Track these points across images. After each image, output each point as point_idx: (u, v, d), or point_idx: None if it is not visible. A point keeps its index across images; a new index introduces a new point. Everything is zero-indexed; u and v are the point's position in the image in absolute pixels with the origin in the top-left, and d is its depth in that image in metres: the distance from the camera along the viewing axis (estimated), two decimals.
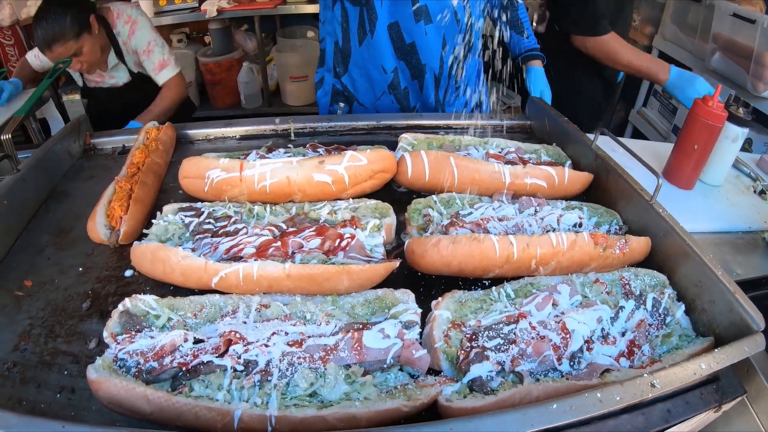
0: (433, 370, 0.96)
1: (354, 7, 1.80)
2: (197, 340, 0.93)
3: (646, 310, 1.05)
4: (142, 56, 2.59)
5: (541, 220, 1.26)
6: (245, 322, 0.97)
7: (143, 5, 4.13)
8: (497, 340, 0.95)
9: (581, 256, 1.15)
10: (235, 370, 0.87)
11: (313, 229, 1.18)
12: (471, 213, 1.28)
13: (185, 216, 1.25)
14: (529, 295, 1.06)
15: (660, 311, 1.06)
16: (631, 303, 1.05)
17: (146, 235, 1.21)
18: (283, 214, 1.28)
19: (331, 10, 1.89)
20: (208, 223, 1.23)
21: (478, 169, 1.39)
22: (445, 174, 1.38)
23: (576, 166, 1.56)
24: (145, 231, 1.24)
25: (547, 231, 1.23)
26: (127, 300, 0.99)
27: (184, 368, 0.87)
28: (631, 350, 0.98)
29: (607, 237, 1.18)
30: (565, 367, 0.94)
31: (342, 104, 2.10)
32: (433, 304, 1.05)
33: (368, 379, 0.89)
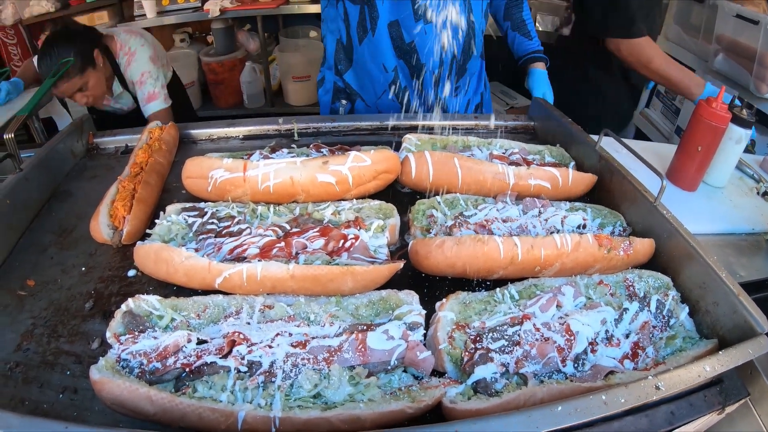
0: (438, 372, 0.95)
1: (354, 6, 1.80)
2: (201, 341, 0.92)
3: (650, 311, 1.05)
4: (136, 86, 2.57)
5: (545, 222, 1.26)
6: (249, 323, 0.97)
7: (146, 5, 4.13)
8: (501, 342, 0.95)
9: (585, 258, 1.15)
10: (238, 371, 0.87)
11: (317, 229, 1.18)
12: (475, 214, 1.28)
13: (188, 216, 1.24)
14: (533, 297, 1.06)
15: (664, 313, 1.06)
16: (635, 305, 1.05)
17: (149, 235, 1.21)
18: (287, 215, 1.28)
19: (334, 8, 1.88)
20: (212, 223, 1.23)
21: (482, 170, 1.39)
22: (449, 175, 1.37)
23: (580, 168, 1.56)
24: (148, 231, 1.24)
25: (551, 232, 1.23)
26: (130, 300, 0.99)
27: (187, 369, 0.87)
28: (635, 352, 0.98)
29: (611, 238, 1.17)
30: (569, 368, 0.94)
31: (344, 101, 2.09)
32: (438, 305, 1.05)
33: (372, 381, 0.89)
